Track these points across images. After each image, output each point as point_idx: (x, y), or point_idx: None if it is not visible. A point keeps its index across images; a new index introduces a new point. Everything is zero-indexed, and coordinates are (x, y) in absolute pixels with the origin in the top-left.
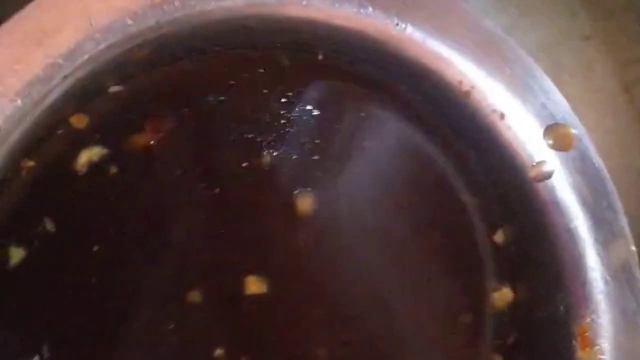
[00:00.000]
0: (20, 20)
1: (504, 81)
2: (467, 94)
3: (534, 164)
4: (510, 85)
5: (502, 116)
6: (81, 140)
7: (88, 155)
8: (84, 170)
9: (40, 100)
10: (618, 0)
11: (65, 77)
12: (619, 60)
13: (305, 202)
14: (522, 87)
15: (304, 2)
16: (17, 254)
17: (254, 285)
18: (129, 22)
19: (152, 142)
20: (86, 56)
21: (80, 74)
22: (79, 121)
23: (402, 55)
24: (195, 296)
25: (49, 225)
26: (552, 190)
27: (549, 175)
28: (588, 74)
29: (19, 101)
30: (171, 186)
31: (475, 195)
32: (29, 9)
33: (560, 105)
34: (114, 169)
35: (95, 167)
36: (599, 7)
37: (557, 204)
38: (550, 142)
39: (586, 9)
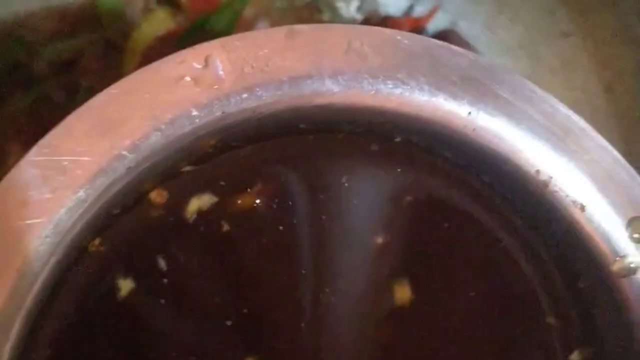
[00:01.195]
0: (86, 112)
1: (584, 170)
2: (545, 184)
3: (617, 258)
4: (591, 174)
5: (582, 208)
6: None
7: (198, 204)
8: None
9: (105, 190)
10: None
11: (130, 168)
12: (599, 56)
13: (403, 292)
14: (603, 176)
15: (371, 92)
16: (126, 286)
17: None
18: (195, 113)
19: (257, 202)
20: (151, 148)
21: (146, 164)
22: (159, 196)
23: (476, 143)
24: None
25: (161, 264)
26: (638, 287)
27: (633, 271)
28: (568, 71)
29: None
30: (270, 249)
31: (557, 315)
32: (94, 101)
33: None
34: (223, 223)
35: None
36: (578, 3)
37: None
38: (635, 235)
39: (565, 6)
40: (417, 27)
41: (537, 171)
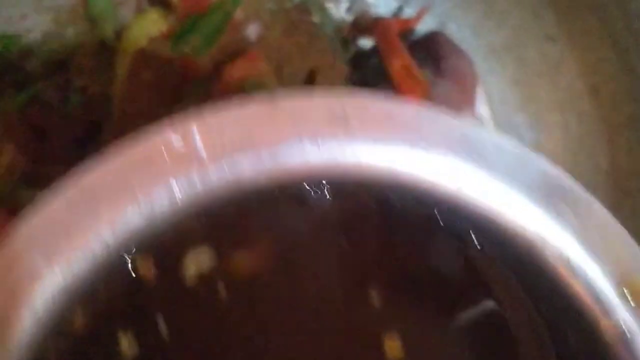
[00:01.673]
0: (62, 191)
1: (572, 229)
2: (533, 243)
3: (610, 322)
4: (580, 233)
5: (572, 269)
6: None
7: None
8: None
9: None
10: (582, 0)
11: (109, 246)
12: (585, 61)
13: (394, 347)
14: (592, 235)
15: (355, 160)
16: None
17: None
18: (176, 189)
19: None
20: (131, 227)
21: (127, 241)
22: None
23: (461, 203)
24: None
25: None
26: (632, 351)
27: (624, 332)
28: (555, 75)
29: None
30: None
31: None
32: (70, 179)
33: (637, 255)
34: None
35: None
36: (565, 8)
37: None
38: (627, 297)
39: (552, 10)
40: (406, 29)
41: (524, 230)
